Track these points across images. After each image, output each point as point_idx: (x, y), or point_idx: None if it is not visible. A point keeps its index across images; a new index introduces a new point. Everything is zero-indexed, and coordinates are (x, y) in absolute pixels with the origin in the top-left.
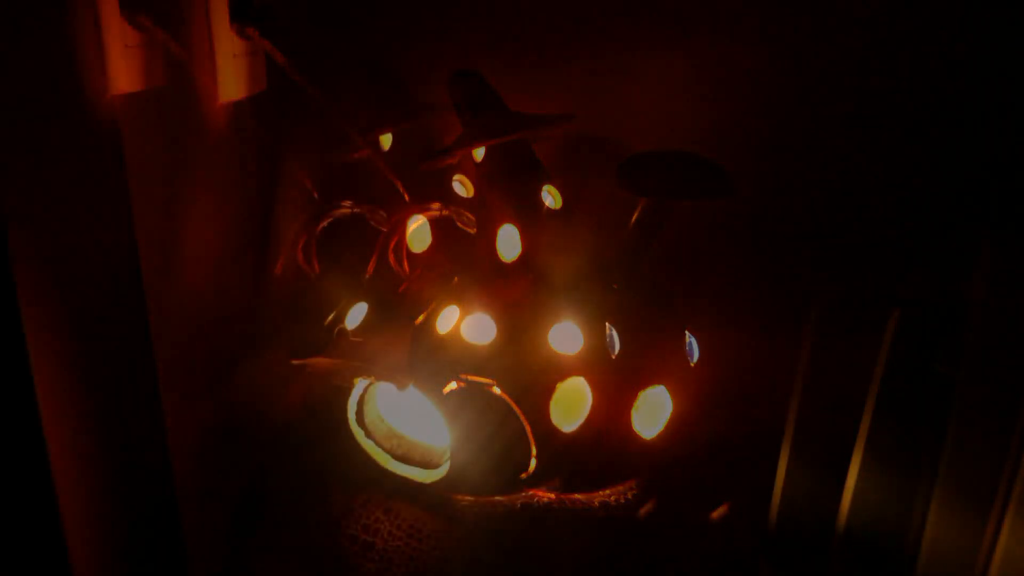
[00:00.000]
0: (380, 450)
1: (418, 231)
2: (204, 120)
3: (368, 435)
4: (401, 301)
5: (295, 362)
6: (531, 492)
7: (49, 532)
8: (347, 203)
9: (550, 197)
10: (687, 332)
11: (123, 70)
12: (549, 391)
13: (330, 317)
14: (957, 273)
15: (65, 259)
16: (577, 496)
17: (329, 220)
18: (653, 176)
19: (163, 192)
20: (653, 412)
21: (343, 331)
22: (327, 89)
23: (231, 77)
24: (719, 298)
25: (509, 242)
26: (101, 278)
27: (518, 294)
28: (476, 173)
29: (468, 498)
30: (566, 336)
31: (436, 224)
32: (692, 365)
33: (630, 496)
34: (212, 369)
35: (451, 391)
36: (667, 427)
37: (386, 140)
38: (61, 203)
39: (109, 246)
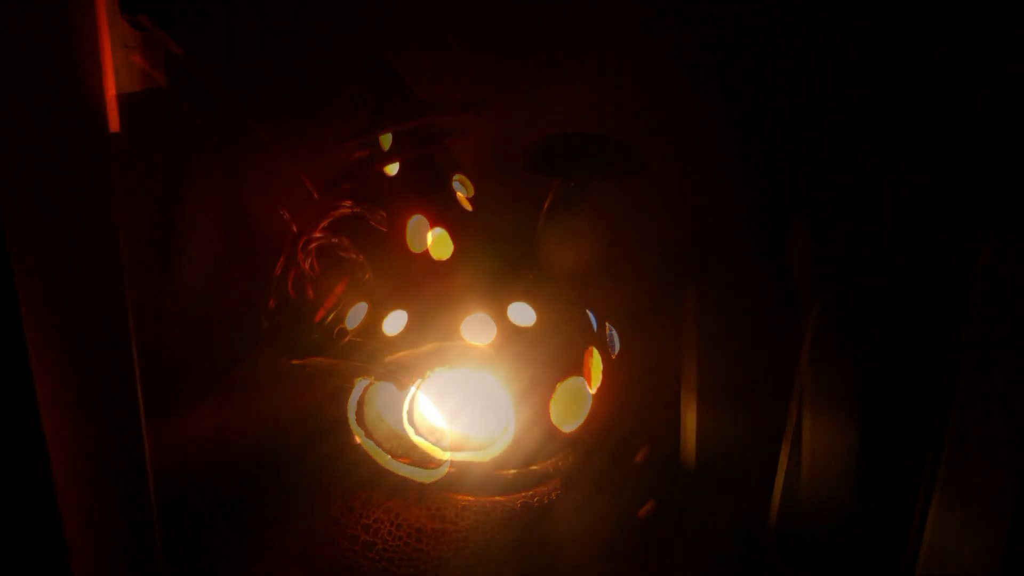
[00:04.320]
0: (380, 450)
1: (416, 228)
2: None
3: (368, 435)
4: (312, 302)
5: (295, 362)
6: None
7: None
8: (347, 203)
9: (462, 187)
10: (607, 324)
11: (123, 70)
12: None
13: (329, 317)
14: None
15: (61, 257)
16: (498, 497)
17: (329, 220)
18: (564, 156)
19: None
20: (573, 404)
21: (343, 331)
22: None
23: (124, 69)
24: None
25: (420, 233)
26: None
27: (459, 287)
28: (393, 186)
29: (468, 498)
30: (479, 327)
31: (322, 252)
32: (613, 357)
33: (553, 496)
34: (209, 369)
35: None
36: (587, 420)
37: (386, 140)
38: (58, 202)
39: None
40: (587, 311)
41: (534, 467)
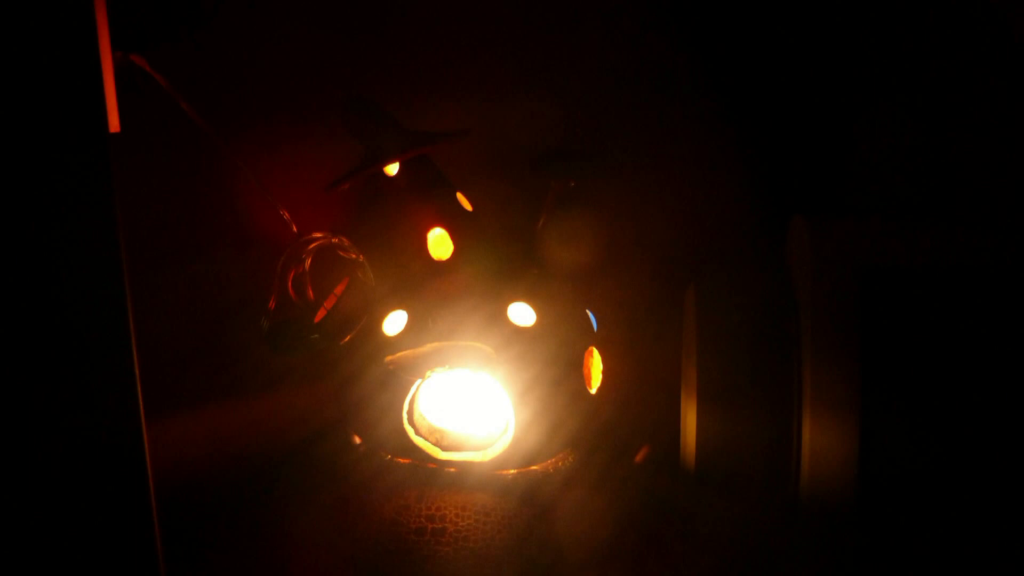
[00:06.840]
0: (429, 443)
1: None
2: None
3: (417, 432)
4: (312, 302)
5: (388, 359)
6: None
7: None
8: (319, 234)
9: (460, 203)
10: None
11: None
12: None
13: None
14: None
15: (61, 257)
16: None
17: (311, 250)
18: (565, 156)
19: None
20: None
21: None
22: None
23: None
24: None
25: (440, 243)
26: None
27: (459, 287)
28: (392, 187)
29: (511, 471)
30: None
31: (322, 252)
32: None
33: (567, 462)
34: (209, 369)
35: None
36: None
37: (391, 167)
38: (58, 202)
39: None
40: (587, 311)
41: (534, 467)
